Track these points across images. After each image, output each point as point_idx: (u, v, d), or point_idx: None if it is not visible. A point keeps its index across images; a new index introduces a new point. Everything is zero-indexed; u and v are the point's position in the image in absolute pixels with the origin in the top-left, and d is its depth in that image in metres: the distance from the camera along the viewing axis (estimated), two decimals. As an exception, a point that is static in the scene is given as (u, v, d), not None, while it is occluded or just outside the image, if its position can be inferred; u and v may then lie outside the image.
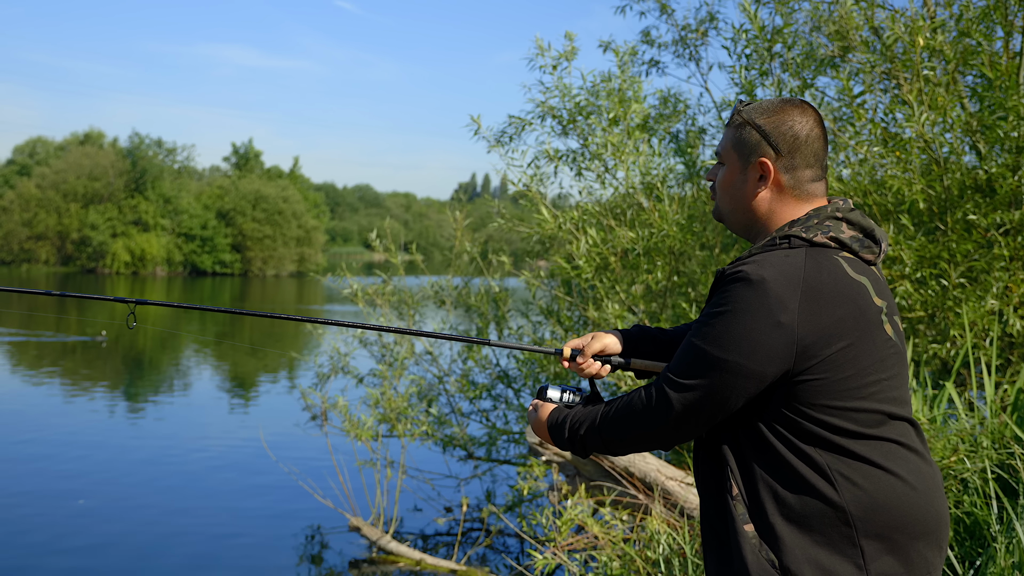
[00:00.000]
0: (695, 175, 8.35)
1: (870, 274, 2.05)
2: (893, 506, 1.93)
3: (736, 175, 2.18)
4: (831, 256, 2.02)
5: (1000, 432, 4.43)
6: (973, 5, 6.84)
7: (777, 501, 1.96)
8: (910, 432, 2.03)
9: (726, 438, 2.06)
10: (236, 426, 13.84)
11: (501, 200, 9.35)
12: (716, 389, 1.97)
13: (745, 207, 2.18)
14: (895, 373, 2.02)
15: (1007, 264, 6.14)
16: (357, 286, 9.18)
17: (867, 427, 1.96)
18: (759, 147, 2.13)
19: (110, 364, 20.65)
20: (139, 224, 69.10)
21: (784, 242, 2.05)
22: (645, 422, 2.07)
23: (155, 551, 8.24)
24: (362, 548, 8.31)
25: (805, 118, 2.13)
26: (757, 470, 1.99)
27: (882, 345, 2.00)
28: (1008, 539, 3.73)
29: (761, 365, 1.93)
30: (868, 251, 2.07)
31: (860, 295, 1.99)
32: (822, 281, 1.96)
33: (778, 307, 1.92)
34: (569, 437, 2.23)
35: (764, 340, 1.92)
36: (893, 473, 1.95)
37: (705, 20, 8.56)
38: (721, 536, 2.05)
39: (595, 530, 5.27)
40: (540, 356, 8.54)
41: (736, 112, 2.18)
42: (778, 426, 1.98)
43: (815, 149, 2.13)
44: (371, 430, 8.47)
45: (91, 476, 10.60)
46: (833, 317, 1.94)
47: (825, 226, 2.06)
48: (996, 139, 6.41)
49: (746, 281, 1.95)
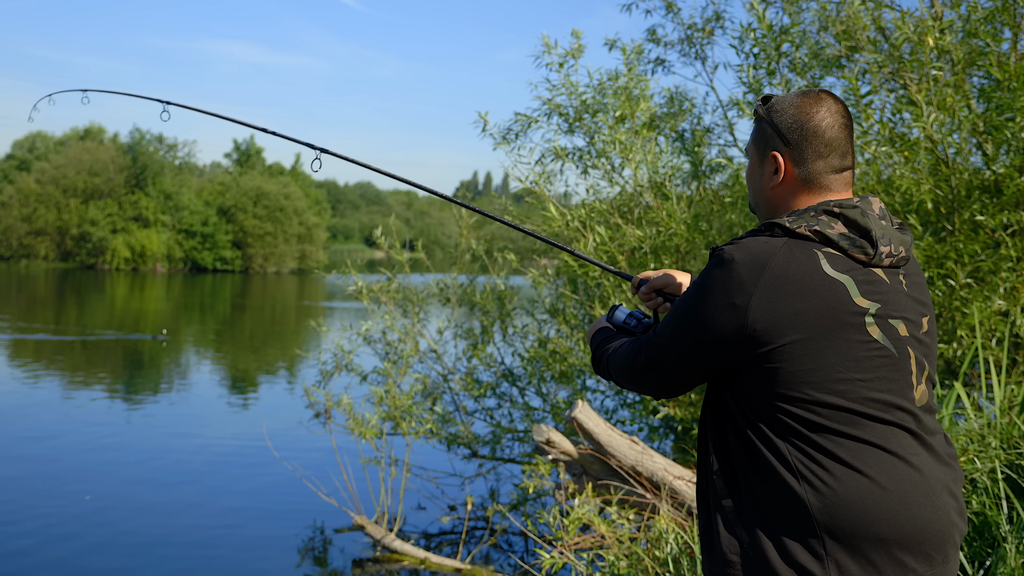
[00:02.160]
0: (701, 174, 8.35)
1: (862, 274, 2.02)
2: (857, 504, 1.91)
3: (755, 169, 2.23)
4: (809, 249, 2.01)
5: (1009, 432, 4.43)
6: (980, 6, 6.84)
7: (748, 484, 2.00)
8: (898, 437, 1.99)
9: (711, 419, 2.13)
10: (239, 423, 13.84)
11: (504, 198, 9.36)
12: (672, 354, 2.11)
13: (766, 199, 2.22)
14: (880, 376, 1.99)
15: (1014, 265, 6.14)
16: (362, 283, 9.18)
17: (837, 423, 1.95)
18: (771, 140, 2.17)
19: (110, 361, 20.65)
20: (139, 220, 69.01)
21: (767, 230, 2.07)
22: (626, 363, 2.25)
23: (159, 547, 8.23)
24: (366, 546, 8.31)
25: (819, 108, 2.13)
26: (734, 453, 2.04)
27: (857, 346, 1.98)
28: (1018, 539, 3.73)
29: (712, 341, 2.01)
30: (860, 251, 2.03)
31: (832, 292, 1.97)
32: (789, 272, 1.97)
33: (737, 289, 1.97)
34: (594, 354, 2.47)
35: (717, 318, 1.99)
36: (861, 472, 1.93)
37: (711, 19, 8.55)
38: (704, 509, 2.13)
39: (602, 529, 5.26)
40: (545, 355, 8.55)
41: (758, 107, 2.21)
42: (749, 413, 2.01)
43: (828, 139, 2.12)
44: (375, 428, 8.47)
45: (94, 472, 10.60)
46: (791, 309, 1.95)
47: (816, 219, 2.05)
48: (1003, 140, 6.41)
49: (720, 260, 2.02)
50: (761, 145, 2.19)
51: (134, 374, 19.08)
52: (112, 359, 20.85)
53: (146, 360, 20.94)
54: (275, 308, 39.90)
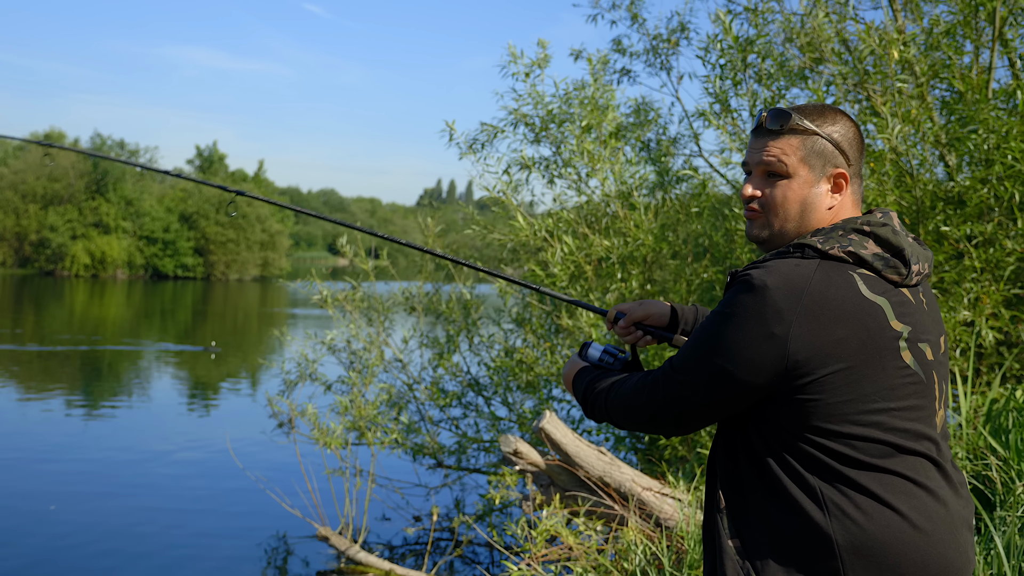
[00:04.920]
0: (667, 184, 8.37)
1: (895, 295, 1.92)
2: (887, 543, 1.82)
3: (806, 188, 2.05)
4: (845, 271, 1.90)
5: (975, 443, 4.46)
6: (942, 20, 6.92)
7: (764, 521, 1.90)
8: (926, 468, 1.90)
9: (723, 450, 2.02)
10: (201, 433, 13.68)
11: (469, 206, 9.33)
12: (700, 389, 1.94)
13: (817, 219, 2.05)
14: (912, 405, 1.90)
15: (978, 275, 6.19)
16: (327, 292, 9.10)
17: (870, 456, 1.85)
18: (833, 157, 2.04)
19: (67, 370, 20.37)
20: (100, 226, 68.19)
21: (798, 251, 1.94)
22: (638, 405, 2.06)
23: (119, 559, 8.11)
24: (330, 558, 8.24)
25: (852, 123, 2.08)
26: (749, 487, 1.93)
27: (894, 373, 1.88)
28: (986, 550, 3.75)
29: (748, 375, 1.87)
30: (893, 271, 1.94)
31: (872, 316, 1.87)
32: (828, 297, 1.85)
33: (774, 318, 1.84)
34: (583, 399, 2.26)
35: (754, 350, 1.85)
36: (894, 508, 1.84)
37: (677, 30, 8.58)
38: (710, 548, 2.02)
39: (570, 541, 5.24)
40: (512, 364, 8.52)
41: (792, 120, 2.05)
42: (774, 444, 1.90)
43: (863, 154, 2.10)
44: (340, 438, 8.40)
45: (54, 483, 10.44)
46: (833, 336, 1.83)
47: (846, 239, 1.94)
48: (965, 151, 6.48)
49: (749, 286, 1.88)
50: (817, 162, 2.03)
51: (92, 383, 18.82)
52: (69, 369, 20.55)
53: (104, 369, 20.68)
54: (237, 316, 39.59)
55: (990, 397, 4.97)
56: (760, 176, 2.09)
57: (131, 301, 45.76)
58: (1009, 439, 4.30)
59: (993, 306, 6.10)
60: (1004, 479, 4.12)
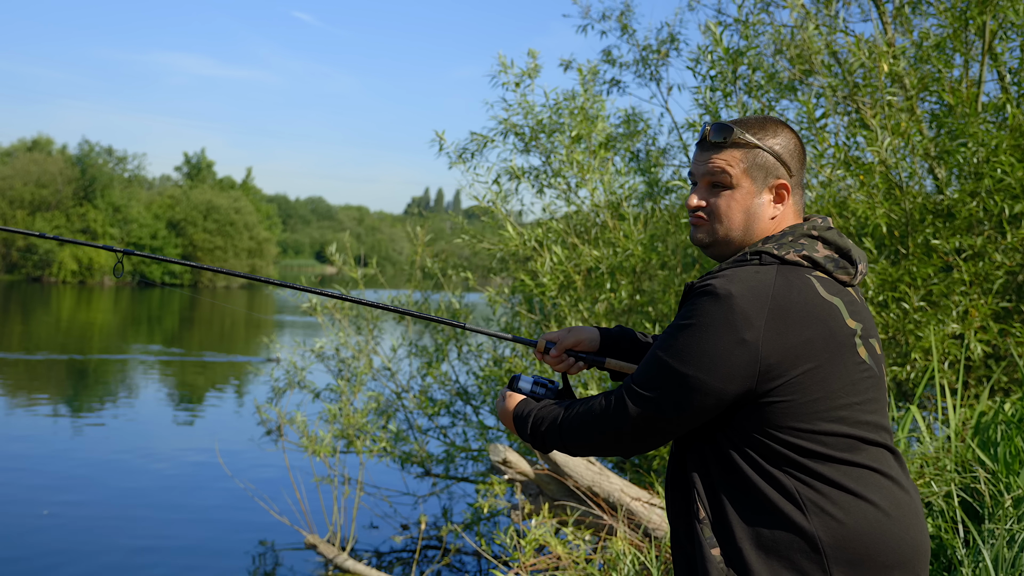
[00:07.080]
0: (657, 194, 8.39)
1: (845, 295, 2.01)
2: (865, 533, 1.88)
3: (749, 199, 2.09)
4: (803, 275, 1.98)
5: (963, 455, 4.47)
6: (932, 33, 6.96)
7: (745, 526, 1.92)
8: (887, 458, 1.98)
9: (694, 460, 2.03)
10: (190, 441, 13.64)
11: (458, 215, 9.33)
12: (674, 402, 1.94)
13: (760, 229, 2.10)
14: (870, 398, 1.97)
15: (967, 288, 6.22)
16: (316, 299, 9.09)
17: (839, 451, 1.92)
18: (776, 169, 2.10)
19: (54, 377, 20.28)
20: (87, 233, 67.91)
21: (755, 258, 2.01)
22: (602, 427, 2.04)
23: (107, 567, 8.07)
24: (318, 566, 8.21)
25: (793, 134, 2.13)
26: (725, 494, 1.95)
27: (854, 368, 1.95)
28: (974, 563, 3.76)
29: (722, 382, 1.89)
30: (843, 272, 2.03)
31: (831, 316, 1.95)
32: (791, 300, 1.92)
33: (743, 324, 1.88)
34: (531, 431, 2.20)
35: (726, 357, 1.88)
36: (866, 499, 1.91)
37: (667, 41, 8.60)
38: (690, 560, 2.02)
39: (558, 550, 5.23)
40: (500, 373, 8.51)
41: (734, 134, 2.09)
42: (747, 448, 1.94)
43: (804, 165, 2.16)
44: (328, 446, 8.39)
45: (42, 491, 10.38)
46: (800, 338, 1.90)
47: (799, 244, 2.02)
48: (955, 164, 6.51)
49: (713, 295, 1.91)
50: (759, 174, 2.08)
51: (81, 391, 18.74)
52: (57, 376, 20.46)
53: (92, 376, 20.59)
54: (224, 322, 39.45)
55: (979, 410, 4.97)
56: (705, 187, 2.14)
57: (118, 308, 45.59)
58: (997, 452, 4.31)
59: (982, 319, 6.12)
60: (992, 492, 4.13)
